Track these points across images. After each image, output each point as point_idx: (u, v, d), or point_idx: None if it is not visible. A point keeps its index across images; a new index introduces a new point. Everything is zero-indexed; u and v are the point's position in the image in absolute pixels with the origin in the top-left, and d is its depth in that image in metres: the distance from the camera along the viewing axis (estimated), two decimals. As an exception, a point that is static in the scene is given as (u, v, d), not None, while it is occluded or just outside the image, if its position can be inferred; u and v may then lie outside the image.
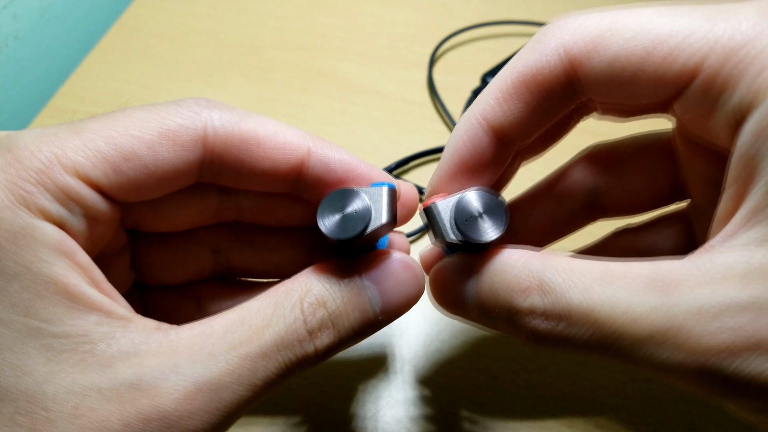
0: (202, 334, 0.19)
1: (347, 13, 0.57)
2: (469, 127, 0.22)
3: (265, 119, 0.22)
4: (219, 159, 0.22)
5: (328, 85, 0.51)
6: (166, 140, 0.20)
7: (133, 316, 0.20)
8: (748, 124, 0.18)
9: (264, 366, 0.19)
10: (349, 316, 0.20)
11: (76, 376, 0.18)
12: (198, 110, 0.21)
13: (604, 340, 0.18)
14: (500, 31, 0.56)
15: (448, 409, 0.32)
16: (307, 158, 0.22)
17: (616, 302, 0.18)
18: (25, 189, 0.18)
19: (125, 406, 0.17)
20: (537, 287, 0.19)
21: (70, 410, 0.17)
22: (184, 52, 0.53)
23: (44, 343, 0.18)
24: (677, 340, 0.17)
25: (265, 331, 0.19)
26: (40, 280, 0.18)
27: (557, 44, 0.20)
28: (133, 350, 0.18)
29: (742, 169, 0.18)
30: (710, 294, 0.17)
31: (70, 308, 0.18)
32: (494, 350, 0.34)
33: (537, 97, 0.21)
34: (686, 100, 0.19)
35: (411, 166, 0.45)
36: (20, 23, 0.51)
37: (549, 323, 0.19)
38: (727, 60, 0.18)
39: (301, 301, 0.20)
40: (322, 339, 0.20)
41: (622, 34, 0.19)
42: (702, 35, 0.18)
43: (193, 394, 0.18)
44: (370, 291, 0.21)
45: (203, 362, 0.18)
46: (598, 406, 0.32)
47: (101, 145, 0.20)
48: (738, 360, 0.17)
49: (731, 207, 0.19)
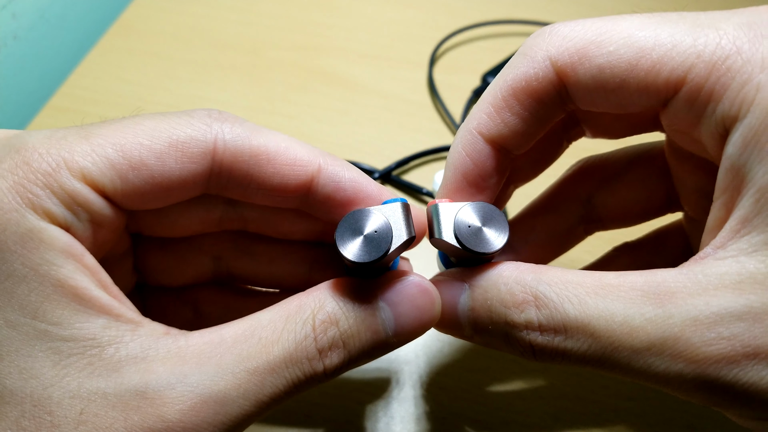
0: (211, 342, 0.19)
1: (347, 13, 0.57)
2: (466, 142, 0.22)
3: (276, 134, 0.22)
4: (227, 173, 0.21)
5: (328, 85, 0.51)
6: (175, 151, 0.20)
7: (141, 320, 0.20)
8: (734, 135, 0.18)
9: (271, 382, 0.19)
10: (361, 337, 0.20)
11: (83, 381, 0.18)
12: (209, 122, 0.21)
13: (601, 352, 0.18)
14: (500, 31, 0.56)
15: (448, 409, 0.32)
16: (317, 176, 0.22)
17: (612, 314, 0.18)
18: (32, 192, 0.18)
19: (130, 413, 0.17)
20: (532, 301, 0.19)
21: (75, 416, 0.17)
22: (184, 51, 0.53)
23: (52, 347, 0.18)
24: (675, 350, 0.17)
25: (274, 346, 0.19)
26: (48, 282, 0.18)
27: (544, 56, 0.21)
28: (141, 355, 0.18)
29: (731, 180, 0.18)
30: (705, 304, 0.17)
31: (79, 311, 0.18)
32: (494, 351, 0.34)
33: (528, 107, 0.22)
34: (673, 109, 0.20)
35: (411, 166, 0.45)
36: (19, 23, 0.51)
37: (546, 337, 0.19)
38: (710, 73, 0.18)
39: (313, 317, 0.20)
40: (332, 359, 0.20)
41: (606, 46, 0.20)
42: (685, 48, 0.19)
43: (199, 406, 0.18)
44: (384, 313, 0.20)
45: (211, 374, 0.18)
46: (598, 406, 0.32)
47: (110, 151, 0.19)
48: (736, 369, 0.17)
49: (722, 217, 0.19)
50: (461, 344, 0.34)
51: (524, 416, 0.32)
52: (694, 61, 0.18)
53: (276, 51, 0.53)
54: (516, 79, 0.21)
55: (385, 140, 0.46)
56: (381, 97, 0.50)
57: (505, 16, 0.56)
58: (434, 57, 0.53)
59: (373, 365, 0.33)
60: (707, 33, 0.19)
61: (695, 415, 0.31)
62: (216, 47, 0.54)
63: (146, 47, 0.53)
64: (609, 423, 0.31)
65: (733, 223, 0.18)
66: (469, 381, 0.33)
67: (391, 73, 0.52)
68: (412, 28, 0.56)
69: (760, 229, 0.17)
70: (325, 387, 0.32)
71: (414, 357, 0.34)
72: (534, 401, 0.32)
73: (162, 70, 0.51)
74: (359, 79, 0.51)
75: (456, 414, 0.32)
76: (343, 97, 0.49)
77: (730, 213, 0.18)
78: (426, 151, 0.45)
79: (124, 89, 0.50)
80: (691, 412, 0.32)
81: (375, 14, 0.57)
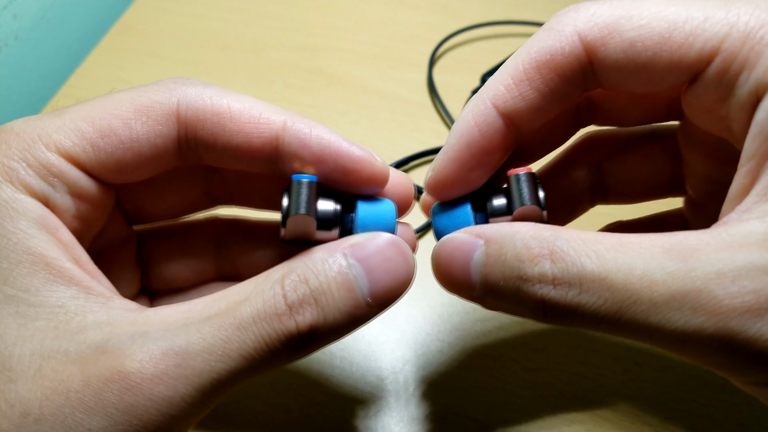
0: (179, 310, 0.19)
1: (347, 13, 0.57)
2: (479, 112, 0.22)
3: (242, 96, 0.22)
4: (193, 133, 0.22)
5: (328, 85, 0.51)
6: (140, 115, 0.21)
7: (113, 295, 0.20)
8: (765, 101, 0.18)
9: (238, 337, 0.18)
10: (334, 294, 0.19)
11: (46, 342, 0.18)
12: (173, 87, 0.22)
13: (618, 306, 0.18)
14: (500, 31, 0.56)
15: (448, 409, 0.32)
16: (282, 134, 0.22)
17: (632, 268, 0.18)
18: (9, 166, 0.19)
19: (88, 366, 0.17)
20: (548, 255, 0.19)
21: (34, 371, 0.17)
22: (184, 52, 0.53)
23: (18, 311, 0.18)
24: (697, 303, 0.17)
25: (242, 305, 0.19)
26: (19, 250, 0.18)
27: (572, 30, 0.20)
28: (106, 321, 0.18)
29: (759, 146, 0.18)
30: (729, 258, 0.17)
31: (48, 280, 0.18)
32: (494, 350, 0.34)
33: (549, 83, 0.21)
34: (701, 85, 0.19)
35: (411, 166, 0.45)
36: (21, 23, 0.51)
37: (559, 290, 0.18)
38: (743, 42, 0.18)
39: (282, 278, 0.20)
40: (304, 315, 0.19)
41: (638, 20, 0.20)
42: (718, 20, 0.19)
43: (159, 357, 0.18)
44: (355, 270, 0.20)
45: (174, 330, 0.18)
46: (598, 406, 0.32)
47: (80, 124, 0.20)
48: (760, 322, 0.16)
49: (747, 183, 0.18)
50: (461, 344, 0.35)
51: (524, 416, 0.32)
52: (728, 31, 0.18)
53: (276, 51, 0.53)
54: (541, 52, 0.21)
55: (384, 140, 0.46)
56: (381, 98, 0.50)
57: (505, 17, 0.56)
58: (434, 57, 0.53)
59: (373, 364, 0.33)
60: (739, 6, 0.19)
61: (695, 415, 0.31)
62: (217, 48, 0.54)
63: (147, 48, 0.54)
64: (608, 423, 0.31)
65: (759, 188, 0.18)
66: (469, 381, 0.33)
67: (391, 74, 0.52)
68: (412, 28, 0.56)
69: None
70: (325, 386, 0.33)
71: (414, 357, 0.34)
72: (534, 401, 0.32)
73: (163, 70, 0.52)
74: (359, 80, 0.51)
75: (456, 414, 0.32)
76: (343, 98, 0.50)
77: (755, 180, 0.18)
78: (426, 151, 0.45)
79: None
80: (691, 412, 0.32)
81: (375, 15, 0.57)
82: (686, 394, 0.32)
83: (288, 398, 0.32)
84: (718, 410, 0.32)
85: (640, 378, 0.33)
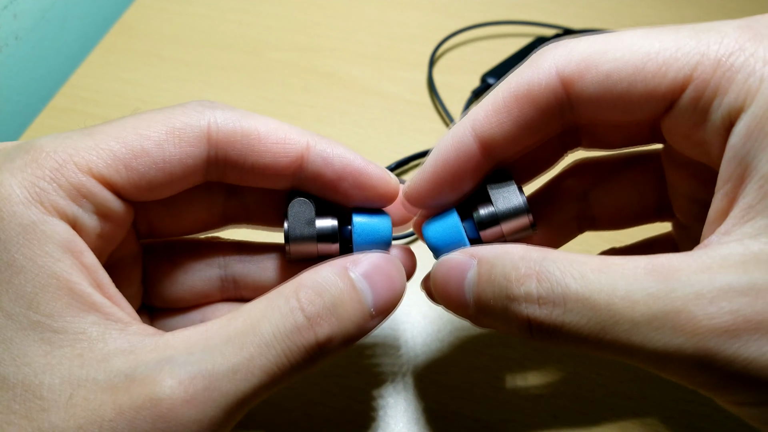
0: (197, 331, 0.20)
1: (347, 13, 0.57)
2: (458, 136, 0.23)
3: (266, 118, 0.23)
4: (223, 153, 0.22)
5: (328, 85, 0.51)
6: (173, 137, 0.22)
7: (131, 321, 0.20)
8: (738, 126, 0.18)
9: (261, 354, 0.19)
10: (347, 306, 0.21)
11: (73, 369, 0.18)
12: (202, 110, 0.22)
13: (601, 326, 0.18)
14: (500, 31, 0.56)
15: (448, 409, 0.32)
16: (306, 153, 0.23)
17: (614, 288, 0.18)
18: (39, 186, 0.19)
19: (119, 395, 0.18)
20: (534, 275, 0.19)
21: (65, 400, 0.18)
22: (184, 52, 0.53)
23: (44, 337, 0.18)
24: (676, 323, 0.17)
25: (260, 322, 0.19)
26: (45, 274, 0.18)
27: (550, 65, 0.21)
28: (129, 348, 0.19)
29: (734, 170, 0.18)
30: (708, 280, 0.17)
31: (71, 305, 0.19)
32: (494, 350, 0.34)
33: (525, 114, 0.22)
34: (677, 112, 0.20)
35: (411, 166, 0.45)
36: (21, 23, 0.51)
37: (544, 310, 0.19)
38: (714, 69, 0.19)
39: (295, 293, 0.20)
40: (323, 327, 0.20)
41: (613, 53, 0.20)
42: (690, 49, 0.19)
43: (188, 382, 0.18)
44: (361, 284, 0.21)
45: (198, 354, 0.19)
46: (598, 406, 0.32)
47: (112, 144, 0.21)
48: (737, 343, 0.17)
49: (723, 207, 0.19)
50: (461, 344, 0.35)
51: (524, 416, 0.32)
52: (699, 59, 0.19)
53: (276, 52, 0.54)
54: (520, 84, 0.22)
55: (385, 140, 0.46)
56: (381, 98, 0.50)
57: (504, 17, 0.56)
58: (434, 58, 0.53)
59: (372, 364, 0.33)
60: (709, 35, 0.19)
61: (695, 415, 0.32)
62: (217, 48, 0.54)
63: (147, 48, 0.54)
64: (608, 423, 0.31)
65: (737, 211, 0.18)
66: (469, 381, 0.33)
67: (391, 74, 0.52)
68: (412, 28, 0.56)
69: (765, 213, 0.17)
70: (326, 386, 0.33)
71: (414, 357, 0.34)
72: (534, 401, 0.32)
73: (163, 70, 0.52)
74: (359, 80, 0.51)
75: (456, 414, 0.32)
76: (343, 98, 0.50)
77: (732, 203, 0.19)
78: (426, 152, 0.45)
79: (125, 90, 0.50)
80: (690, 412, 0.32)
81: (375, 15, 0.57)
82: (686, 394, 0.32)
83: (288, 398, 0.32)
84: (718, 410, 0.32)
85: (641, 378, 0.33)
